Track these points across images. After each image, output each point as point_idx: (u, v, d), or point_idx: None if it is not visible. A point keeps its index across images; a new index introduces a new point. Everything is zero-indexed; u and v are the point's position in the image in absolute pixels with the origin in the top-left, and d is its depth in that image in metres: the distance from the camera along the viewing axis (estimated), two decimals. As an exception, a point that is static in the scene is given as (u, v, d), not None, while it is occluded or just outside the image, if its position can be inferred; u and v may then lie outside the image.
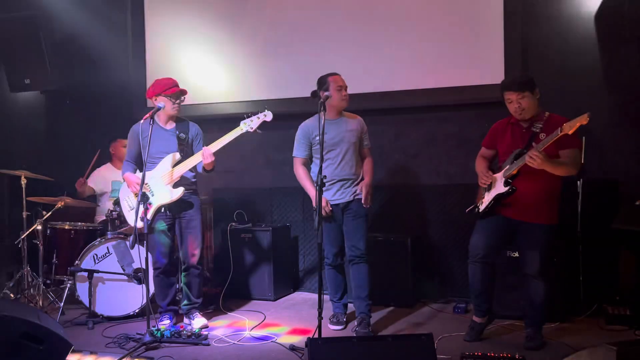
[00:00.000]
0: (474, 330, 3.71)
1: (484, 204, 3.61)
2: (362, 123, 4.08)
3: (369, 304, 3.96)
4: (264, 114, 3.93)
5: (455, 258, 4.83)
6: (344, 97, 3.94)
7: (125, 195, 4.23)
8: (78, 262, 4.37)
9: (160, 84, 4.05)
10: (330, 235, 4.03)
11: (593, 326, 3.97)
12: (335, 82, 3.91)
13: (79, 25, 5.92)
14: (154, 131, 3.98)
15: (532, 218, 3.47)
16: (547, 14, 4.61)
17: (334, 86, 3.90)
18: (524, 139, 3.47)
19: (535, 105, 3.46)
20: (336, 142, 3.94)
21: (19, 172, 4.69)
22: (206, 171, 4.06)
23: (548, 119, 3.44)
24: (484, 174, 3.62)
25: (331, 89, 3.88)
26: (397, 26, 4.96)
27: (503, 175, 3.50)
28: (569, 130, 3.10)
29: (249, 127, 3.92)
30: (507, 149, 3.56)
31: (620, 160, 4.44)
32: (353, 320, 4.09)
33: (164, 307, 4.19)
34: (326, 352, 2.80)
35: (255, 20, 5.43)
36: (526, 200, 3.45)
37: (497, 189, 3.53)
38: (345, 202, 3.98)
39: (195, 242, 4.13)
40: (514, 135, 3.54)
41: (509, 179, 3.46)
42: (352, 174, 3.99)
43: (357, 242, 3.95)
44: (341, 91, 3.92)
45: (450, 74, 4.80)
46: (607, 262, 4.39)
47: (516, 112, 3.47)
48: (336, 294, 4.18)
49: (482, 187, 3.68)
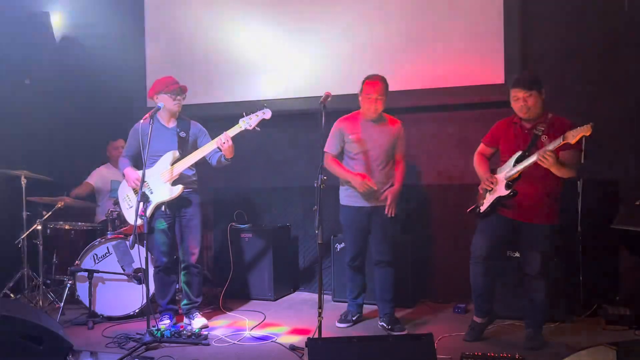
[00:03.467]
0: (474, 331, 3.72)
1: (485, 204, 3.61)
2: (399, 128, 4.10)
3: (394, 307, 4.07)
4: (262, 112, 3.91)
5: (455, 258, 4.82)
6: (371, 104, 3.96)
7: (124, 193, 4.23)
8: (78, 262, 4.37)
9: (160, 82, 4.07)
10: (353, 238, 4.11)
11: (593, 326, 3.98)
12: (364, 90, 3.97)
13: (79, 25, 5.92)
14: (156, 129, 3.99)
15: (533, 219, 3.47)
16: (547, 14, 4.61)
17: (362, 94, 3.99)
18: (525, 141, 3.47)
19: (541, 105, 3.46)
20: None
21: (19, 172, 4.69)
22: (226, 159, 4.01)
23: (551, 122, 3.45)
24: (487, 178, 3.60)
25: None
26: (396, 27, 4.96)
27: (505, 178, 3.50)
28: (572, 139, 3.14)
29: (247, 124, 3.90)
30: (509, 148, 3.56)
31: (620, 160, 4.43)
32: (368, 320, 4.23)
33: (164, 306, 4.19)
34: (326, 352, 2.79)
35: (256, 20, 5.42)
36: (527, 201, 3.45)
37: (498, 192, 3.53)
38: (372, 206, 4.00)
39: (195, 241, 4.13)
40: (516, 135, 3.54)
41: (510, 182, 3.47)
42: (381, 180, 4.00)
43: (385, 245, 4.02)
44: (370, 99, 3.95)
45: (451, 74, 4.80)
46: (607, 262, 4.39)
47: (521, 110, 3.46)
48: (351, 293, 4.23)
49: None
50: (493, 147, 3.73)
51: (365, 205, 3.99)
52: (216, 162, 4.10)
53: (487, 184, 3.58)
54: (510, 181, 3.47)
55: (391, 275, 4.05)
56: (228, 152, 3.94)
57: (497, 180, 3.56)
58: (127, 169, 4.11)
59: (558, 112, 3.49)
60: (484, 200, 3.64)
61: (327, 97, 3.65)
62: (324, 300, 3.82)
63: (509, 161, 3.52)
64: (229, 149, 3.91)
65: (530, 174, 3.39)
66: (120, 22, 5.91)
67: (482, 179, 3.65)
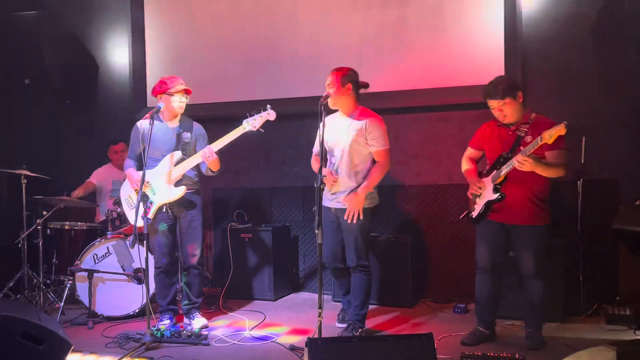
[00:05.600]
0: (474, 336, 3.68)
1: (476, 210, 3.62)
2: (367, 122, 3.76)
3: (359, 313, 3.83)
4: (267, 113, 3.87)
5: (455, 258, 4.83)
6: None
7: (126, 193, 4.22)
8: (78, 262, 4.37)
9: (165, 81, 4.04)
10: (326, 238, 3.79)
11: (593, 326, 3.97)
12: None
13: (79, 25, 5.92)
14: (159, 129, 3.99)
15: (524, 220, 3.47)
16: (547, 14, 4.61)
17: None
18: (509, 142, 3.48)
19: (519, 110, 3.45)
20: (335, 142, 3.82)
21: (19, 172, 4.69)
22: (212, 172, 4.04)
23: (534, 122, 3.45)
24: (475, 182, 3.60)
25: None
26: (396, 27, 4.96)
27: (492, 181, 3.50)
28: (548, 139, 3.11)
29: (251, 125, 3.88)
30: (494, 151, 3.57)
31: (620, 160, 4.43)
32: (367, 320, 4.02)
33: (164, 307, 4.19)
34: (326, 352, 2.79)
35: (257, 20, 5.42)
36: (516, 204, 3.46)
37: (487, 196, 3.53)
38: (337, 208, 3.82)
39: (196, 243, 4.13)
40: (500, 137, 3.55)
41: (498, 185, 3.47)
42: (345, 179, 3.79)
43: (351, 251, 3.82)
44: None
45: (450, 74, 4.80)
46: (607, 262, 4.39)
47: (500, 118, 3.49)
48: (339, 290, 4.22)
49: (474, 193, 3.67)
50: (479, 150, 3.74)
51: (333, 206, 3.82)
52: (204, 171, 4.11)
53: (476, 189, 3.58)
54: (498, 184, 3.47)
55: (361, 281, 3.81)
56: (213, 165, 3.95)
57: (484, 184, 3.56)
58: (130, 169, 4.10)
59: (557, 112, 3.48)
60: (475, 206, 3.64)
61: (327, 97, 3.64)
62: (324, 300, 3.82)
63: (494, 163, 3.52)
64: (213, 162, 3.91)
65: (515, 177, 3.39)
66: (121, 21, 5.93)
67: (471, 184, 3.64)
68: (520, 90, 3.45)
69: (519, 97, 3.43)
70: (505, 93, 3.40)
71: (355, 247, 3.78)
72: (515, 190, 3.43)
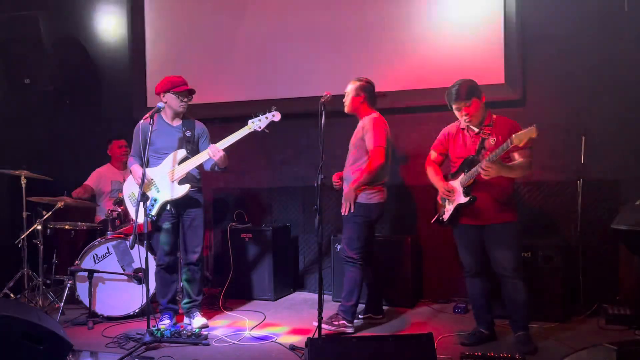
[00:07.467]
0: (475, 337, 3.66)
1: (446, 213, 3.62)
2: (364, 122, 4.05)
3: (344, 304, 3.95)
4: (272, 114, 3.89)
5: (455, 258, 4.80)
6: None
7: (130, 190, 4.22)
8: (78, 262, 4.37)
9: (169, 80, 4.05)
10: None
11: (593, 326, 3.97)
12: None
13: (79, 25, 5.92)
14: (161, 127, 3.99)
15: (497, 219, 3.47)
16: (546, 14, 4.61)
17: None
18: (474, 145, 3.50)
19: (482, 111, 3.49)
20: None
21: (19, 172, 4.69)
22: (220, 169, 4.05)
23: (496, 123, 3.48)
24: (443, 187, 3.59)
25: None
26: (396, 27, 4.96)
27: (461, 185, 3.50)
28: (519, 143, 3.12)
29: (257, 126, 3.89)
30: (459, 154, 3.58)
31: (620, 160, 4.43)
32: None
33: (164, 305, 4.19)
34: (326, 352, 2.80)
35: (258, 20, 5.42)
36: (486, 205, 3.46)
37: (457, 200, 3.52)
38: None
39: (197, 240, 4.14)
40: (464, 141, 3.57)
41: (467, 188, 3.47)
42: (347, 178, 4.04)
43: (343, 242, 4.07)
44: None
45: (450, 74, 4.78)
46: (607, 262, 4.39)
47: (465, 120, 3.52)
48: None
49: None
50: (443, 154, 3.75)
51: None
52: (209, 168, 4.11)
53: (447, 194, 3.57)
54: (467, 187, 3.47)
55: (347, 272, 3.98)
56: (221, 162, 3.96)
57: (454, 188, 3.56)
58: (135, 165, 4.12)
59: (557, 112, 3.48)
60: (445, 209, 3.64)
61: (327, 97, 3.66)
62: (324, 300, 3.81)
63: (461, 166, 3.53)
64: (221, 159, 3.93)
65: (482, 179, 3.38)
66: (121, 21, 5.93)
67: (439, 189, 3.64)
68: (482, 91, 3.49)
69: (482, 98, 3.48)
70: (470, 94, 3.44)
71: (344, 237, 4.02)
72: (485, 191, 3.44)
